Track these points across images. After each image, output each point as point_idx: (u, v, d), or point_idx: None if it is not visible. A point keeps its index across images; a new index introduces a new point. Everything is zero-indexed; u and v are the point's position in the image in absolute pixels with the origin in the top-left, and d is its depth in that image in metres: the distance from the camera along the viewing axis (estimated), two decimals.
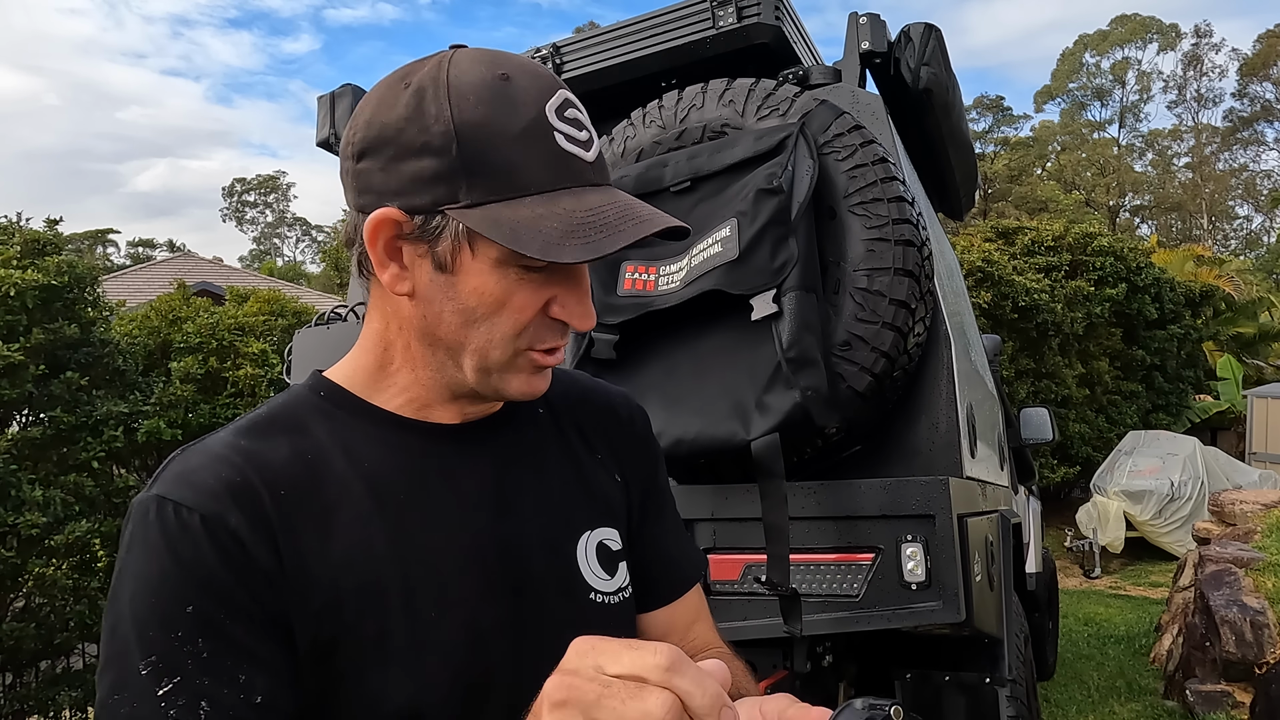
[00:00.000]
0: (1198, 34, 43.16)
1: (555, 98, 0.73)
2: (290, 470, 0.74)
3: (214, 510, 0.69)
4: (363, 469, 0.76)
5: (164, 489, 0.71)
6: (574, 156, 0.73)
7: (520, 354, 0.76)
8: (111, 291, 6.85)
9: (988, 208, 31.90)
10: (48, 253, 4.96)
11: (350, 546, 0.73)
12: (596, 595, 0.84)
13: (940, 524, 1.91)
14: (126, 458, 5.35)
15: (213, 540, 0.68)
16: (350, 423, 0.79)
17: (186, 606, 0.67)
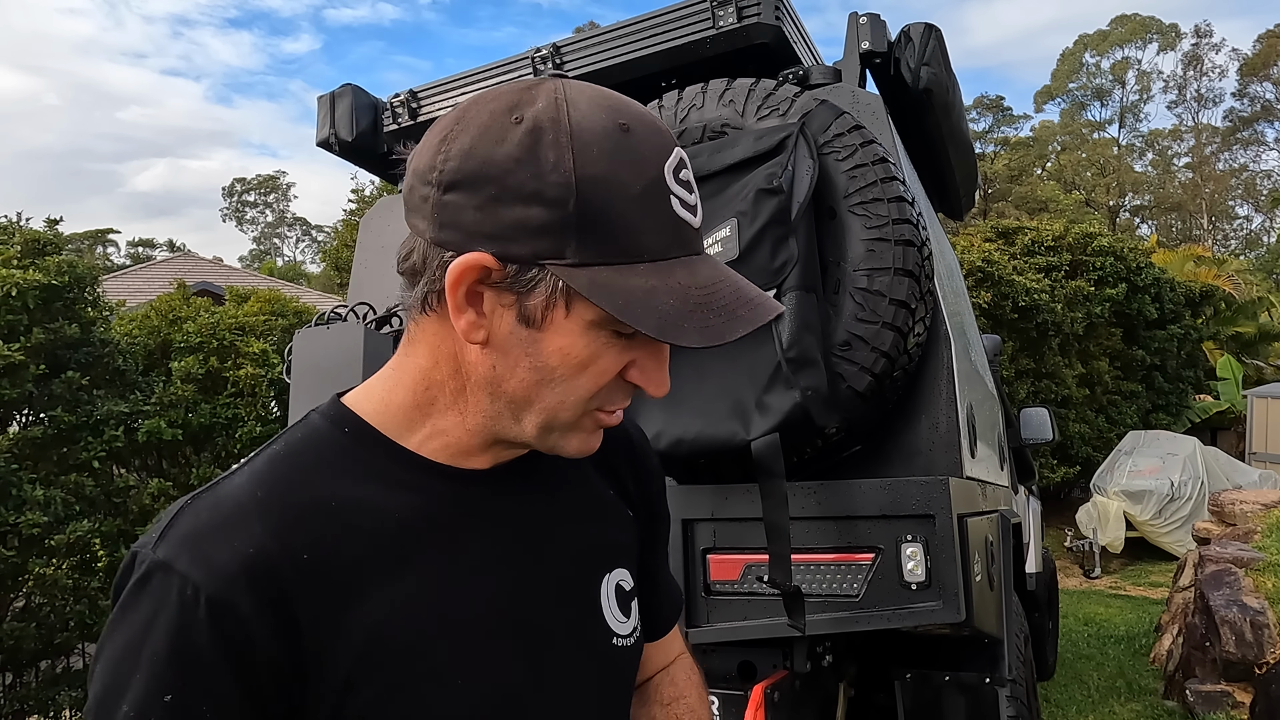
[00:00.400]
0: (1198, 34, 43.20)
1: (673, 157, 0.68)
2: (312, 527, 0.67)
3: (224, 594, 0.62)
4: (392, 521, 0.70)
5: (170, 554, 0.63)
6: (685, 224, 0.68)
7: (588, 414, 0.72)
8: (111, 291, 6.85)
9: (988, 208, 31.89)
10: (48, 253, 4.96)
11: (377, 611, 0.67)
12: (617, 639, 0.82)
13: (940, 524, 1.91)
14: (127, 458, 5.36)
15: (216, 630, 0.61)
16: (378, 467, 0.72)
17: (165, 695, 0.61)
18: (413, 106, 3.00)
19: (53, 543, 4.47)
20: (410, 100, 3.00)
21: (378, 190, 18.62)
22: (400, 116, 3.02)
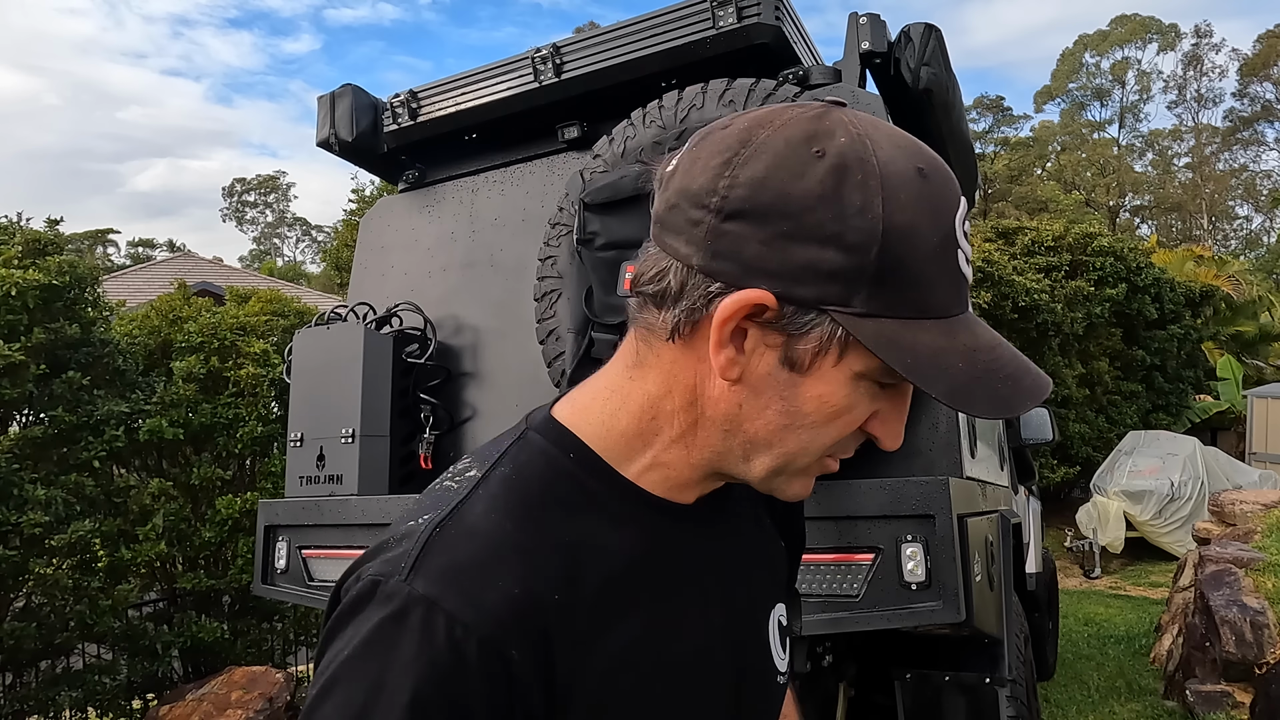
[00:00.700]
0: (1198, 34, 43.22)
1: (961, 207, 0.64)
2: (557, 566, 0.64)
3: (495, 636, 0.58)
4: (618, 559, 0.67)
5: (435, 590, 0.59)
6: (966, 280, 0.64)
7: (818, 461, 0.69)
8: (111, 291, 6.85)
9: (988, 208, 31.90)
10: (48, 253, 4.96)
11: (608, 653, 0.65)
12: (780, 677, 0.81)
13: (940, 524, 1.91)
14: (127, 457, 5.36)
15: (485, 674, 0.58)
16: (602, 499, 0.69)
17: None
18: (413, 106, 3.00)
19: (53, 543, 4.47)
20: (410, 100, 3.00)
21: (378, 190, 18.61)
22: (400, 116, 3.02)
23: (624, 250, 2.19)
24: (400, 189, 3.28)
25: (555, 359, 2.36)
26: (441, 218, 3.12)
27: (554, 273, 2.40)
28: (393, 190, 3.36)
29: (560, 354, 2.33)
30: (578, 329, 2.21)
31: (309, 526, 2.86)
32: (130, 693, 5.22)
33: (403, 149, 3.13)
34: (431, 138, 3.04)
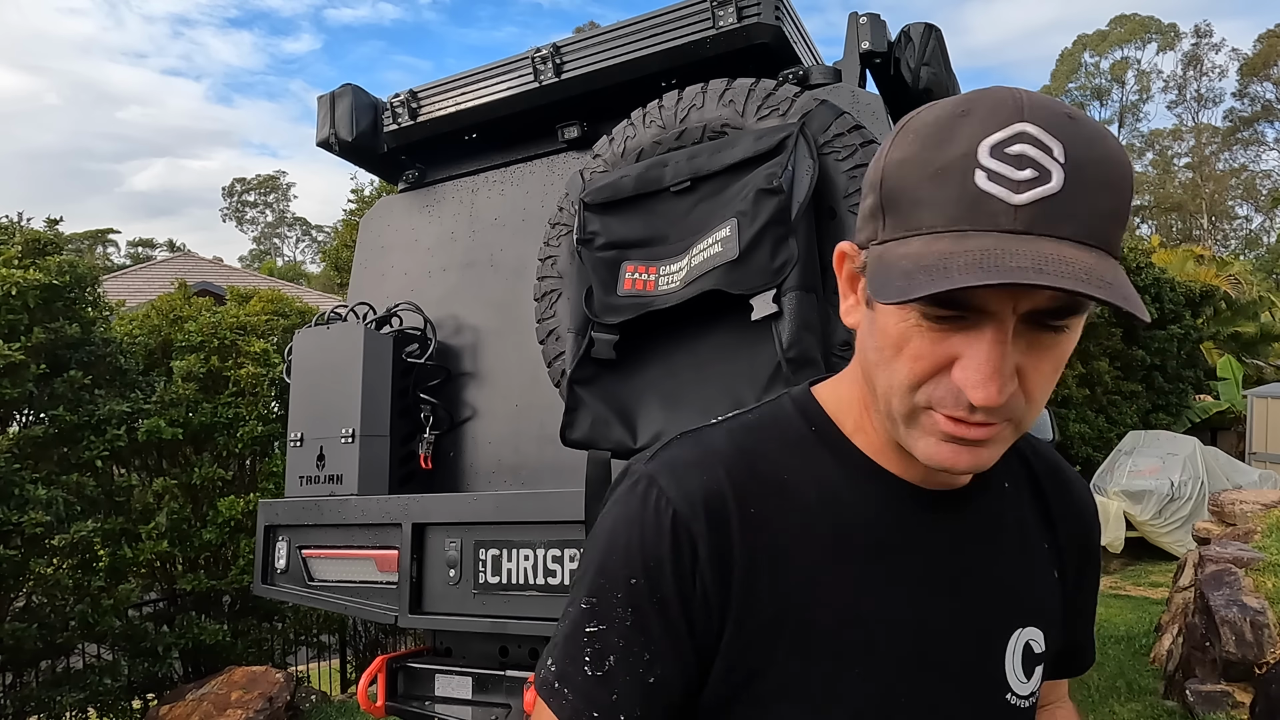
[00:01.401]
0: (1197, 34, 43.21)
1: (1003, 132, 0.62)
2: (765, 490, 0.75)
3: (686, 512, 0.73)
4: (830, 510, 0.76)
5: (658, 471, 0.76)
6: (991, 197, 0.61)
7: (921, 411, 0.68)
8: (112, 291, 6.86)
9: None
10: (48, 252, 4.96)
11: (800, 584, 0.74)
12: (1012, 697, 0.80)
13: None
14: (128, 457, 5.36)
15: (674, 538, 0.73)
16: (827, 457, 0.78)
17: (631, 578, 0.73)
18: (413, 106, 3.00)
19: (54, 542, 4.48)
20: (410, 100, 3.01)
21: (378, 190, 18.60)
22: (400, 116, 3.02)
23: (624, 250, 2.19)
24: (400, 189, 3.28)
25: (555, 359, 2.36)
26: (441, 218, 3.12)
27: (554, 273, 2.41)
28: (393, 190, 3.37)
29: (560, 354, 2.33)
30: (578, 329, 2.21)
31: (309, 526, 2.86)
32: (130, 693, 5.23)
33: (403, 149, 3.13)
34: (431, 138, 3.04)
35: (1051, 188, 0.61)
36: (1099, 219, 0.63)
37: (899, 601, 0.75)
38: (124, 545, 5.00)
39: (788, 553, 0.74)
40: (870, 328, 0.71)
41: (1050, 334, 0.66)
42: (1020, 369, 0.66)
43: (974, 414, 0.66)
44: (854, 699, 0.73)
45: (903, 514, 0.77)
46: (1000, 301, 0.63)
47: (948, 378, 0.66)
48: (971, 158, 0.62)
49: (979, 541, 0.80)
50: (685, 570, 0.72)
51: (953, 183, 0.63)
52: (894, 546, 0.76)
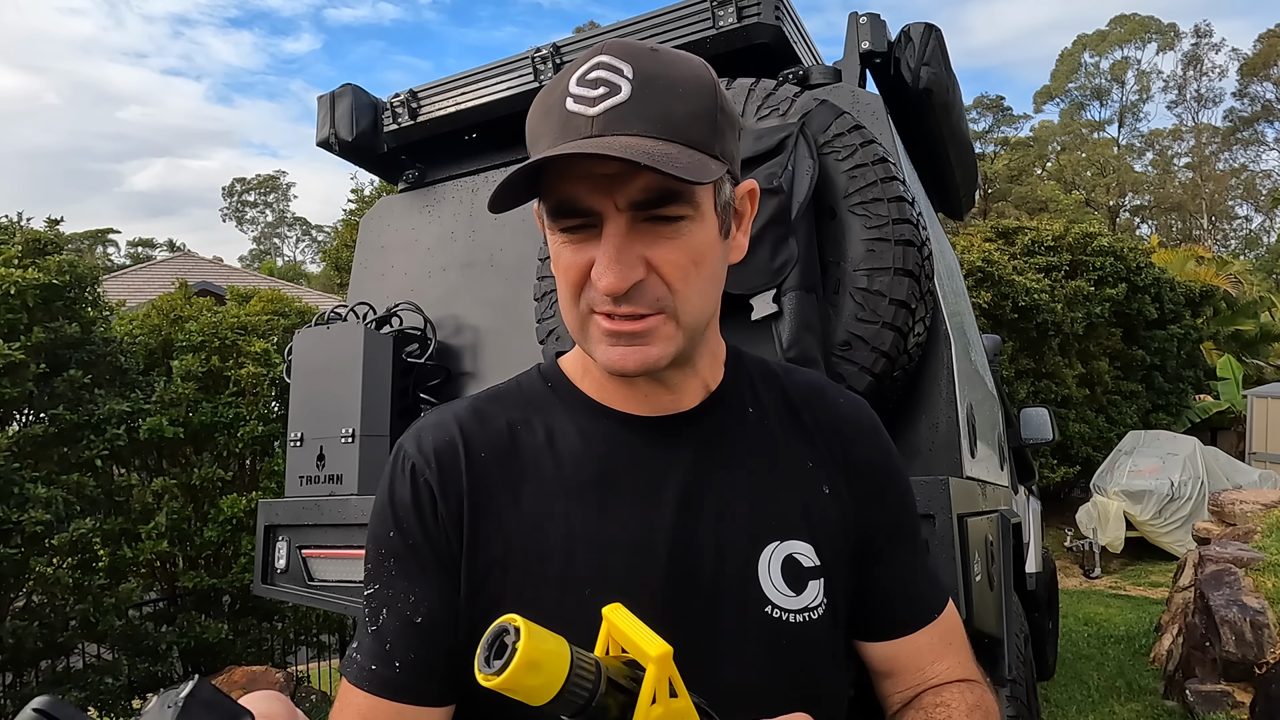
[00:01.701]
0: (1197, 34, 43.22)
1: (587, 64, 0.75)
2: (498, 440, 0.85)
3: (420, 463, 0.83)
4: (557, 449, 0.84)
5: (405, 438, 0.87)
6: (576, 115, 0.73)
7: (588, 320, 0.79)
8: (111, 291, 6.86)
9: (988, 208, 31.90)
10: (48, 252, 4.97)
11: (529, 515, 0.81)
12: (774, 610, 0.82)
13: (940, 524, 1.91)
14: (128, 457, 5.36)
15: (414, 487, 0.83)
16: (557, 405, 0.87)
17: (389, 532, 0.83)
18: (413, 106, 3.00)
19: (54, 542, 4.48)
20: (410, 100, 3.00)
21: (378, 190, 18.62)
22: (400, 116, 3.02)
23: None
24: (400, 189, 3.28)
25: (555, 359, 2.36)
26: (441, 218, 3.12)
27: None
28: (393, 190, 3.36)
29: (560, 353, 2.33)
30: None
31: (309, 526, 2.86)
32: (131, 692, 5.23)
33: (403, 149, 3.13)
34: (431, 138, 3.04)
35: (620, 98, 0.73)
36: (675, 119, 0.74)
37: (627, 524, 0.80)
38: (124, 545, 5.00)
39: (518, 491, 0.82)
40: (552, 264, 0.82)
41: (668, 225, 0.75)
42: (651, 261, 0.75)
43: (618, 306, 0.75)
44: (585, 618, 0.75)
45: (630, 444, 0.83)
46: (601, 200, 0.73)
47: (591, 280, 0.76)
48: (565, 92, 0.75)
49: (713, 462, 0.84)
50: (426, 512, 0.82)
51: (554, 115, 0.74)
52: (620, 474, 0.82)
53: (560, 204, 0.76)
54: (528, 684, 0.58)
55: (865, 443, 0.92)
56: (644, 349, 0.77)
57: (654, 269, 0.75)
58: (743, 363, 0.92)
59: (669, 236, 0.75)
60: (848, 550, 0.87)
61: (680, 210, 0.75)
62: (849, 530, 0.88)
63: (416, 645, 0.80)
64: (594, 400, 0.86)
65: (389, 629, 0.81)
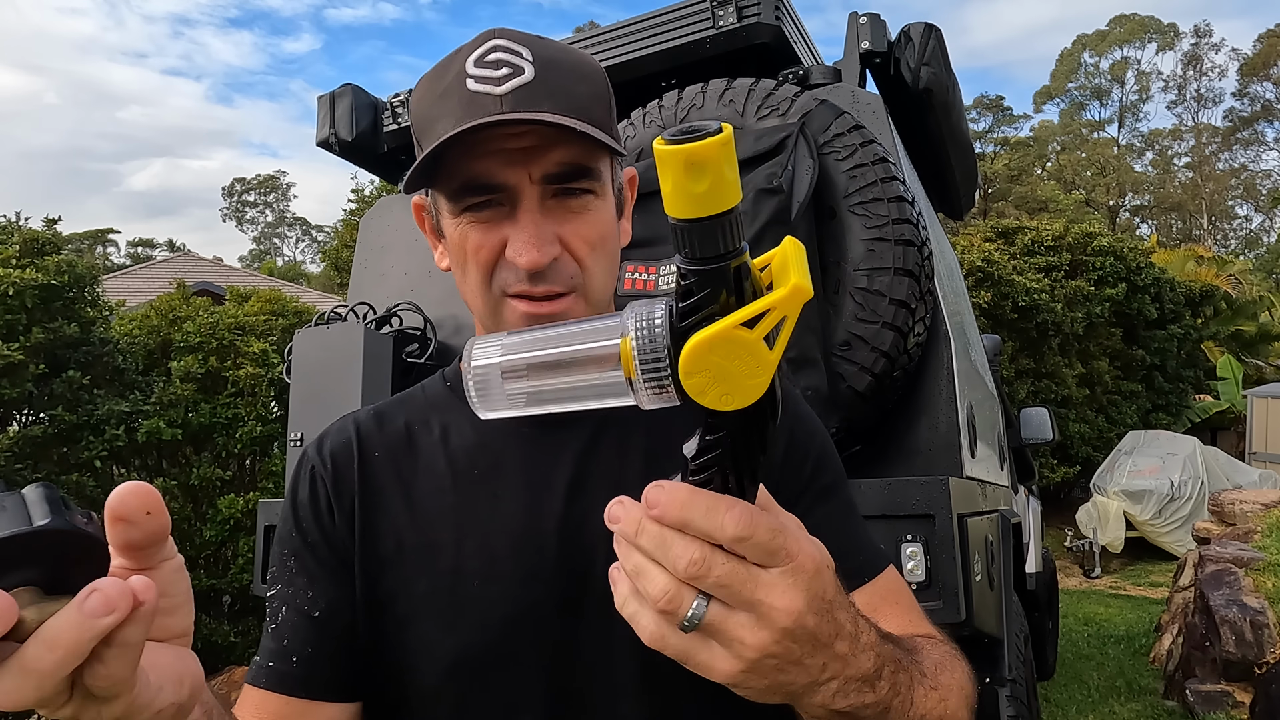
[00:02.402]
0: (1197, 34, 43.23)
1: (481, 48, 0.75)
2: (394, 440, 0.86)
3: (318, 465, 0.85)
4: (449, 445, 0.84)
5: (310, 444, 0.88)
6: (481, 94, 0.73)
7: (501, 303, 0.79)
8: (111, 291, 6.86)
9: (988, 208, 31.90)
10: (47, 252, 4.96)
11: (421, 511, 0.81)
12: None
13: (940, 524, 1.91)
14: (127, 457, 5.36)
15: (311, 487, 0.84)
16: (456, 404, 0.87)
17: (291, 531, 0.84)
18: None
19: None
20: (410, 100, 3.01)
21: (378, 190, 18.62)
22: (400, 116, 3.02)
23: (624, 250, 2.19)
24: (400, 189, 3.28)
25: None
26: None
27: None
28: (393, 190, 3.36)
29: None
30: None
31: None
32: None
33: (403, 149, 3.13)
34: None
35: (526, 78, 0.74)
36: (579, 99, 0.75)
37: (517, 513, 0.80)
38: None
39: (410, 487, 0.83)
40: (449, 254, 0.82)
41: (576, 199, 0.77)
42: (562, 238, 0.76)
43: (536, 285, 0.76)
44: (476, 607, 0.77)
45: (522, 433, 0.83)
46: (516, 174, 0.74)
47: (505, 260, 0.77)
48: (461, 74, 0.75)
49: (610, 449, 0.83)
50: (322, 510, 0.83)
51: (452, 96, 0.74)
52: (511, 464, 0.82)
53: (467, 183, 0.75)
54: (718, 172, 0.43)
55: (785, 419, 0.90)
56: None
57: (565, 246, 0.77)
58: None
59: (578, 212, 0.77)
60: None
61: (589, 185, 0.77)
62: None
63: (313, 639, 0.80)
64: None
65: (286, 625, 0.81)
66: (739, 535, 0.49)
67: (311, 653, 0.80)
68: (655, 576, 0.49)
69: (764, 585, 0.49)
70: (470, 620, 0.77)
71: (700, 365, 0.48)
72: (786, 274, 0.50)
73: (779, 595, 0.49)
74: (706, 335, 0.47)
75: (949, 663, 0.76)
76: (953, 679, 0.72)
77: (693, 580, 0.48)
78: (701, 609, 0.49)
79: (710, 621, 0.49)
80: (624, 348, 0.50)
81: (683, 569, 0.48)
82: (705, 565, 0.48)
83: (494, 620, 0.77)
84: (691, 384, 0.48)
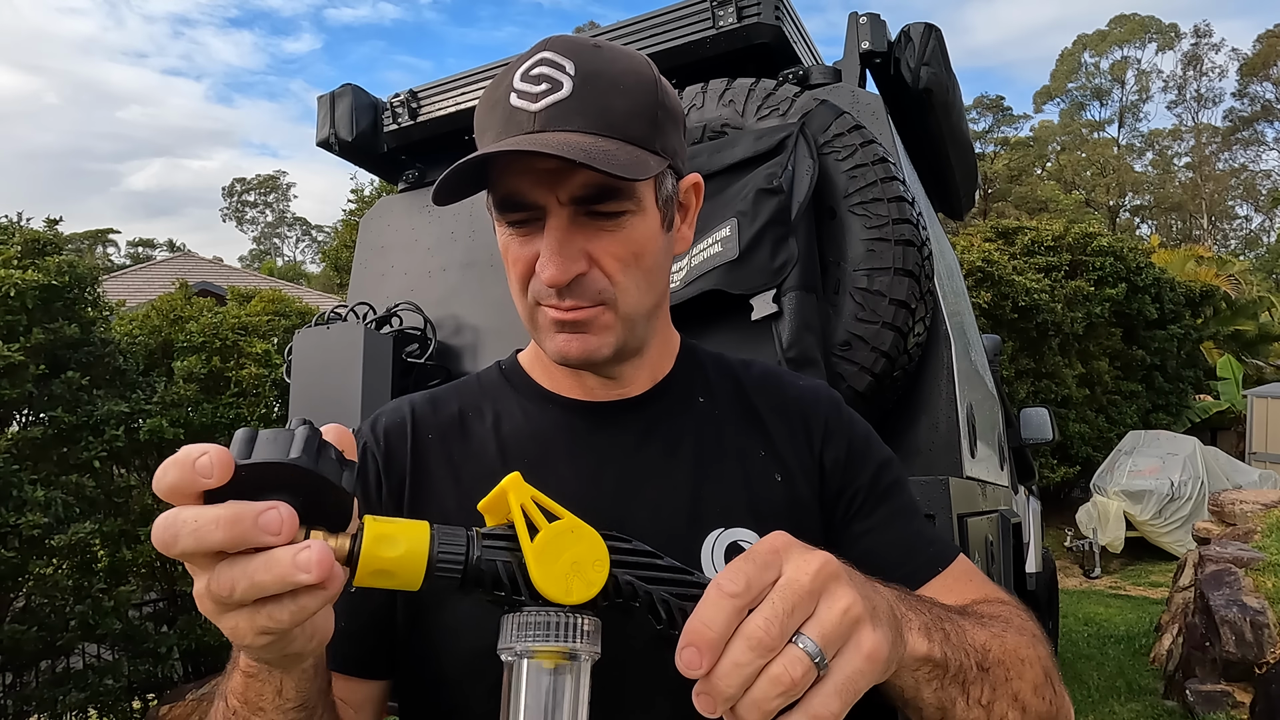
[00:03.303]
0: (1197, 34, 43.23)
1: (531, 60, 0.76)
2: (447, 424, 0.88)
3: (370, 441, 0.87)
4: (501, 433, 0.87)
5: (366, 422, 0.91)
6: (519, 110, 0.75)
7: (536, 310, 0.81)
8: (111, 291, 6.86)
9: (988, 208, 31.90)
10: (48, 252, 4.96)
11: (468, 494, 0.81)
12: None
13: (940, 524, 1.91)
14: (128, 458, 5.35)
15: (362, 462, 0.85)
16: (510, 394, 0.91)
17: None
18: (413, 106, 3.00)
19: (53, 543, 4.47)
20: (410, 100, 3.01)
21: (378, 190, 18.62)
22: (400, 116, 3.02)
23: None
24: (400, 189, 3.28)
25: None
26: (441, 218, 3.12)
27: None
28: (393, 190, 3.36)
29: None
30: None
31: None
32: (131, 693, 5.23)
33: (403, 149, 3.13)
34: (431, 138, 3.04)
35: (561, 94, 0.74)
36: (614, 115, 0.75)
37: (566, 505, 0.80)
38: (123, 547, 5.00)
39: (460, 471, 0.85)
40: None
41: (609, 219, 0.77)
42: (592, 254, 0.78)
43: (562, 299, 0.78)
44: None
45: (572, 427, 0.86)
46: (544, 194, 0.75)
47: (536, 274, 0.79)
48: (509, 87, 0.76)
49: (656, 449, 0.85)
50: (370, 486, 0.85)
51: (499, 109, 0.76)
52: (559, 456, 0.84)
53: (505, 198, 0.77)
54: (386, 557, 0.54)
55: (822, 420, 0.91)
56: (585, 337, 0.80)
57: (595, 262, 0.78)
58: (696, 355, 0.95)
59: (610, 230, 0.78)
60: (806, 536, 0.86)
61: (620, 205, 0.77)
62: (808, 515, 0.87)
63: (347, 613, 0.80)
64: (542, 387, 0.90)
65: None
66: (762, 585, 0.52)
67: (343, 626, 0.80)
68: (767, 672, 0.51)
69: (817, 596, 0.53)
70: None
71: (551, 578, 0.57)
72: (494, 495, 0.62)
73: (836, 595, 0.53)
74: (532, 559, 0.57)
75: (1005, 613, 0.83)
76: (1010, 622, 0.80)
77: (779, 639, 0.51)
78: (810, 644, 0.51)
79: (823, 641, 0.52)
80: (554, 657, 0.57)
81: (768, 638, 0.50)
82: (773, 622, 0.51)
83: None
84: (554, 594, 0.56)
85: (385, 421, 0.89)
